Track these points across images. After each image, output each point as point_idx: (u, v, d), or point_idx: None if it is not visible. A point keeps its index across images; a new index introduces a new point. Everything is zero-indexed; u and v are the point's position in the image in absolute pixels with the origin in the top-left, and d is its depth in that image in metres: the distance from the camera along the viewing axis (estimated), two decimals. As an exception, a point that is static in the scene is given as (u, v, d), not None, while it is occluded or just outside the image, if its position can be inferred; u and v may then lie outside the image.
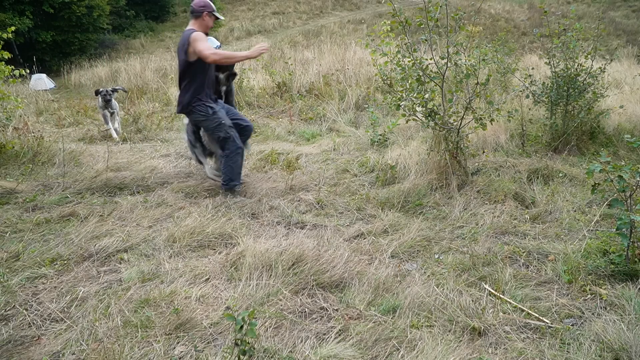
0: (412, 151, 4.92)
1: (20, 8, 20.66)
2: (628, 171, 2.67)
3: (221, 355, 2.15)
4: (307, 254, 2.95)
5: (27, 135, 5.74)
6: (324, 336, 2.31)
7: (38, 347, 2.28)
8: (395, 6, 3.86)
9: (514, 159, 4.85)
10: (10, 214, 3.93)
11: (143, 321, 2.40)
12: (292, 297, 2.61)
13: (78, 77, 15.69)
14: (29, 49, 21.41)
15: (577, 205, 3.79)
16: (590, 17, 20.19)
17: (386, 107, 7.65)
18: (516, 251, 3.11)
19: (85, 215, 3.83)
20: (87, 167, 5.34)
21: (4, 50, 5.62)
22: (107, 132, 7.16)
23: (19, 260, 3.09)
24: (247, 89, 9.50)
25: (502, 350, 2.19)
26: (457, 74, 5.16)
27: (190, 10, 4.15)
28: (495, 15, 28.47)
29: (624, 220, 2.64)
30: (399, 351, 2.18)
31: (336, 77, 9.91)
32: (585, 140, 5.35)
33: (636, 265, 2.69)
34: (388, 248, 3.20)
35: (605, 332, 2.20)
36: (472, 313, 2.42)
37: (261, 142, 6.66)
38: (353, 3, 33.77)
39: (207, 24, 4.11)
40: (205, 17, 4.05)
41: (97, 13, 23.72)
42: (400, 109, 4.24)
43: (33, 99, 10.60)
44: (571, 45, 5.09)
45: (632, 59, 12.99)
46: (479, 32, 15.44)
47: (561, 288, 2.68)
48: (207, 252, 3.22)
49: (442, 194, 4.11)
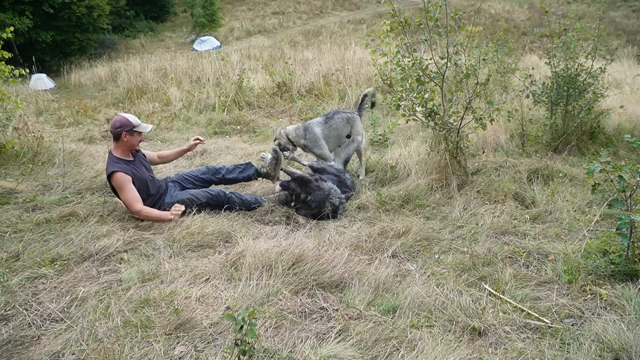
0: (412, 151, 4.92)
1: (20, 8, 20.68)
2: (628, 171, 2.67)
3: (221, 355, 2.15)
4: (307, 254, 2.95)
5: (27, 135, 5.74)
6: (324, 336, 2.31)
7: (38, 347, 2.28)
8: (395, 6, 3.86)
9: (514, 159, 4.85)
10: (10, 214, 3.93)
11: (143, 321, 2.40)
12: (292, 297, 2.61)
13: (78, 77, 15.70)
14: (29, 49, 21.42)
15: (577, 205, 3.79)
16: (591, 17, 20.17)
17: (386, 107, 7.65)
18: (516, 251, 3.11)
19: (85, 215, 3.83)
20: (87, 167, 5.34)
21: (4, 50, 5.63)
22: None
23: (19, 260, 3.08)
24: (247, 89, 9.51)
25: (502, 350, 2.19)
26: (457, 74, 5.16)
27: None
28: (495, 15, 28.47)
29: (624, 220, 2.64)
30: (399, 351, 2.18)
31: (336, 77, 9.91)
32: (585, 140, 5.35)
33: (636, 265, 2.69)
34: (388, 248, 3.20)
35: (605, 332, 2.20)
36: (472, 313, 2.42)
37: (261, 142, 6.66)
38: (353, 3, 33.77)
39: (130, 143, 3.76)
40: (125, 137, 3.72)
41: (97, 13, 23.74)
42: (400, 109, 4.24)
43: (33, 99, 10.61)
44: (571, 45, 5.09)
45: (632, 59, 12.99)
46: (478, 32, 15.43)
47: (561, 288, 2.68)
48: (207, 252, 3.22)
49: (442, 194, 4.11)
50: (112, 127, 3.76)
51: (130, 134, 3.75)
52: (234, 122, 7.87)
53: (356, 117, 4.78)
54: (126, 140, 3.75)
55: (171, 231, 3.45)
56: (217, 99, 9.03)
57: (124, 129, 3.71)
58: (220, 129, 7.57)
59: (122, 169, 3.69)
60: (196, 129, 7.81)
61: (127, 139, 3.75)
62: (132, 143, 3.79)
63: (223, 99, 8.99)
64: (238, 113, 8.33)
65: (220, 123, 7.85)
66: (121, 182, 3.66)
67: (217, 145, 6.43)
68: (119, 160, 3.76)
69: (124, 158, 3.82)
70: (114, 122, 3.76)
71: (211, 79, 10.64)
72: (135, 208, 3.67)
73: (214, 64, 11.92)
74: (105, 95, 11.51)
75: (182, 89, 10.29)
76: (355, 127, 4.75)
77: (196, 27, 27.92)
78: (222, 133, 7.42)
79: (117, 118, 3.78)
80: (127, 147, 3.80)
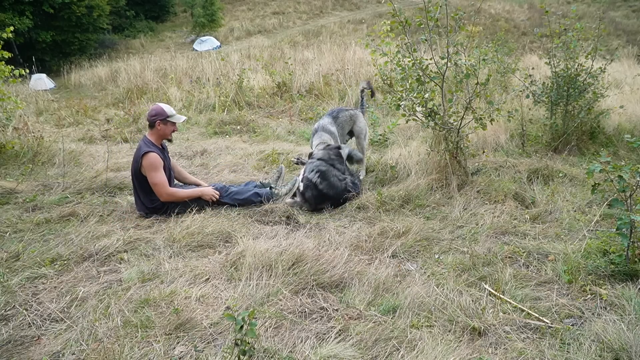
0: (412, 151, 4.92)
1: (20, 8, 20.67)
2: (628, 171, 2.67)
3: (221, 355, 2.15)
4: (307, 254, 2.95)
5: (27, 135, 5.74)
6: (324, 336, 2.31)
7: (38, 347, 2.28)
8: (395, 6, 3.86)
9: (514, 159, 4.85)
10: (10, 214, 3.93)
11: (143, 321, 2.40)
12: (292, 297, 2.61)
13: (78, 77, 15.70)
14: (29, 49, 21.41)
15: (577, 205, 3.79)
16: (591, 17, 20.18)
17: (386, 107, 7.65)
18: (516, 251, 3.11)
19: (85, 215, 3.83)
20: (87, 167, 5.35)
21: (4, 50, 5.63)
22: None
23: (19, 260, 3.08)
24: (247, 89, 9.51)
25: (502, 350, 2.19)
26: (457, 74, 5.16)
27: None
28: (495, 15, 28.48)
29: (624, 220, 2.64)
30: (399, 351, 2.18)
31: (336, 77, 9.91)
32: (585, 140, 5.35)
33: (636, 265, 2.69)
34: (388, 248, 3.20)
35: (605, 332, 2.20)
36: (472, 313, 2.42)
37: (261, 142, 6.66)
38: (353, 3, 33.77)
39: (164, 131, 3.94)
40: (159, 125, 3.90)
41: (97, 13, 23.73)
42: (400, 109, 4.24)
43: (33, 99, 10.61)
44: (571, 45, 5.09)
45: (632, 59, 13.00)
46: (478, 32, 15.44)
47: (561, 288, 2.68)
48: (207, 252, 3.22)
49: (442, 194, 4.11)
50: (148, 115, 3.95)
51: (164, 123, 3.92)
52: (234, 122, 7.87)
53: (359, 113, 5.00)
54: (159, 129, 3.93)
55: (171, 231, 3.46)
56: (217, 99, 9.03)
57: (158, 117, 3.89)
58: (220, 129, 7.57)
59: (156, 152, 3.85)
60: (196, 129, 7.81)
61: (161, 127, 3.92)
62: (165, 132, 3.97)
63: (223, 99, 8.99)
64: (238, 113, 8.33)
65: (220, 123, 7.85)
66: (154, 163, 3.79)
67: (217, 145, 6.43)
68: (152, 145, 3.91)
69: (157, 145, 3.98)
70: (150, 111, 3.96)
71: (211, 79, 10.64)
72: (166, 189, 3.83)
73: (214, 64, 11.92)
74: (105, 95, 11.51)
75: (182, 89, 10.29)
76: (358, 124, 4.96)
77: (196, 27, 27.92)
78: (222, 133, 7.42)
79: (154, 107, 3.98)
80: (160, 135, 3.97)
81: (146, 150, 3.81)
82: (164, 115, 3.90)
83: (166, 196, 3.83)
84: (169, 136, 4.01)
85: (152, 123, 3.91)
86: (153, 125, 3.91)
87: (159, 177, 3.80)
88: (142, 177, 3.84)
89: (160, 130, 3.93)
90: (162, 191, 3.81)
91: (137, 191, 3.92)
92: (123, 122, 8.07)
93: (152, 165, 3.78)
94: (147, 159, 3.78)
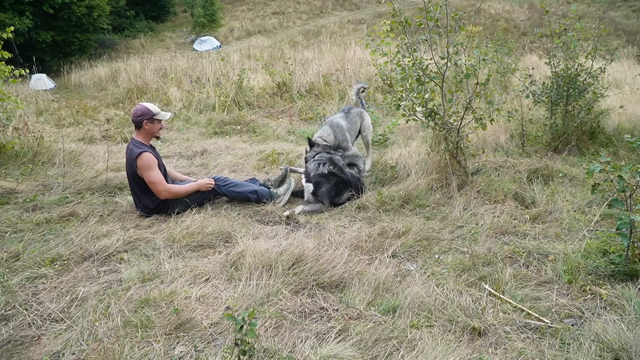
0: (412, 151, 4.92)
1: (20, 8, 20.66)
2: (628, 171, 2.67)
3: (221, 355, 2.15)
4: (307, 254, 2.95)
5: (27, 135, 5.74)
6: (324, 336, 2.31)
7: (38, 347, 2.28)
8: (395, 6, 3.86)
9: (514, 159, 4.85)
10: (10, 214, 3.93)
11: (143, 321, 2.40)
12: (292, 297, 2.61)
13: (78, 77, 15.68)
14: (29, 49, 21.42)
15: (577, 205, 3.79)
16: (591, 17, 20.18)
17: (386, 107, 7.65)
18: (516, 251, 3.11)
19: (85, 215, 3.83)
20: (87, 167, 5.35)
21: (4, 50, 5.63)
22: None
23: (19, 260, 3.09)
24: (247, 89, 9.51)
25: (502, 350, 2.19)
26: (457, 74, 5.16)
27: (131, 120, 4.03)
28: (495, 15, 28.47)
29: (624, 220, 2.64)
30: (399, 351, 2.18)
31: (336, 77, 9.91)
32: (585, 140, 5.35)
33: (636, 265, 2.69)
34: (388, 248, 3.20)
35: (605, 332, 2.20)
36: (472, 313, 2.42)
37: (261, 142, 6.66)
38: (353, 3, 33.76)
39: (151, 130, 3.93)
40: (147, 125, 3.89)
41: (97, 13, 23.72)
42: (400, 109, 4.24)
43: (33, 99, 10.61)
44: (571, 45, 5.09)
45: (632, 59, 12.99)
46: (478, 32, 15.45)
47: (561, 288, 2.68)
48: (207, 252, 3.22)
49: (442, 194, 4.11)
50: (133, 115, 3.92)
51: (151, 122, 3.92)
52: (234, 122, 7.87)
53: (365, 111, 5.32)
54: (147, 128, 3.92)
55: (171, 231, 3.46)
56: (217, 99, 9.03)
57: (145, 117, 3.88)
58: (220, 129, 7.57)
59: (149, 151, 3.86)
60: (196, 129, 7.81)
61: (149, 126, 3.92)
62: (153, 130, 3.96)
63: (223, 99, 8.99)
64: (238, 113, 8.33)
65: (220, 123, 7.85)
66: (149, 162, 3.80)
67: (217, 145, 6.43)
68: (143, 145, 3.91)
69: (147, 144, 3.99)
70: (135, 111, 3.92)
71: (211, 79, 10.64)
72: (164, 186, 3.83)
73: (214, 64, 11.92)
74: (105, 95, 11.51)
75: (182, 89, 10.29)
76: (365, 120, 5.19)
77: (196, 27, 27.92)
78: (222, 133, 7.42)
79: (138, 107, 3.94)
80: (148, 134, 3.96)
81: (138, 151, 3.81)
82: (150, 114, 3.89)
83: (165, 193, 3.83)
84: (157, 134, 4.01)
85: (139, 123, 3.89)
86: (140, 125, 3.90)
87: (156, 175, 3.81)
88: (140, 179, 3.85)
89: (148, 130, 3.92)
90: (160, 189, 3.81)
91: (136, 194, 3.92)
92: (123, 122, 8.07)
93: (147, 164, 3.79)
94: (142, 160, 3.78)
